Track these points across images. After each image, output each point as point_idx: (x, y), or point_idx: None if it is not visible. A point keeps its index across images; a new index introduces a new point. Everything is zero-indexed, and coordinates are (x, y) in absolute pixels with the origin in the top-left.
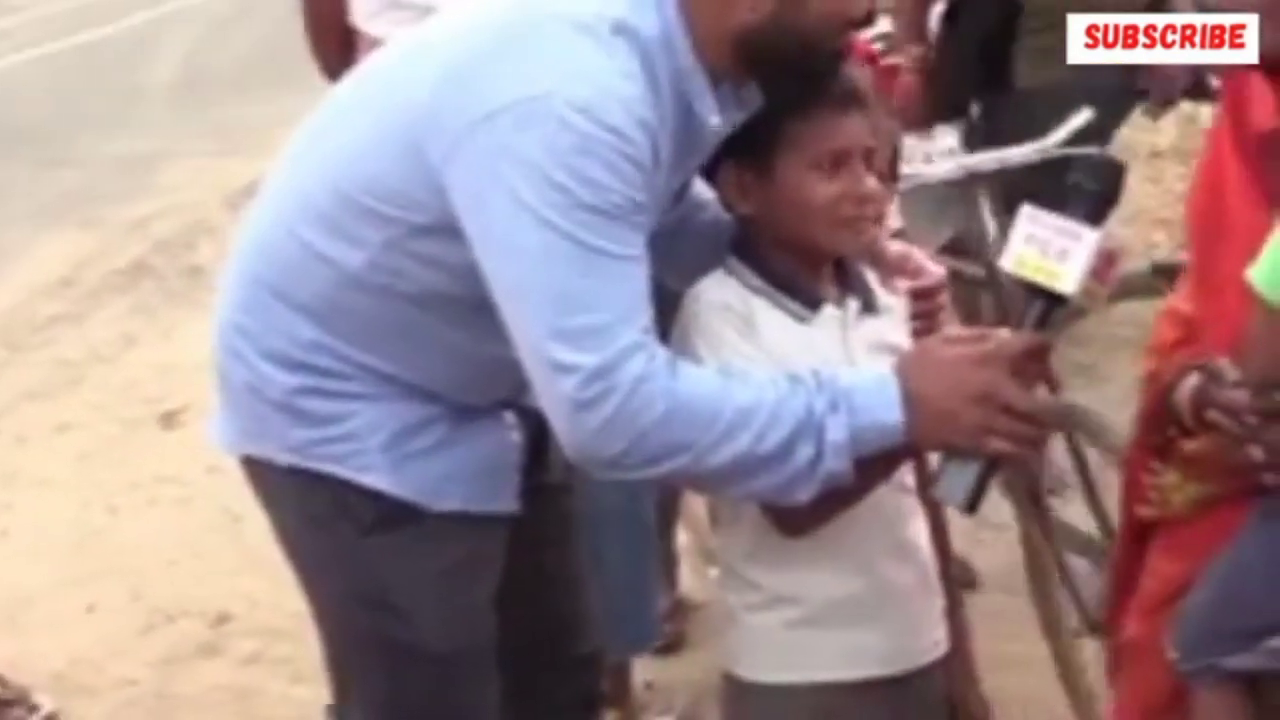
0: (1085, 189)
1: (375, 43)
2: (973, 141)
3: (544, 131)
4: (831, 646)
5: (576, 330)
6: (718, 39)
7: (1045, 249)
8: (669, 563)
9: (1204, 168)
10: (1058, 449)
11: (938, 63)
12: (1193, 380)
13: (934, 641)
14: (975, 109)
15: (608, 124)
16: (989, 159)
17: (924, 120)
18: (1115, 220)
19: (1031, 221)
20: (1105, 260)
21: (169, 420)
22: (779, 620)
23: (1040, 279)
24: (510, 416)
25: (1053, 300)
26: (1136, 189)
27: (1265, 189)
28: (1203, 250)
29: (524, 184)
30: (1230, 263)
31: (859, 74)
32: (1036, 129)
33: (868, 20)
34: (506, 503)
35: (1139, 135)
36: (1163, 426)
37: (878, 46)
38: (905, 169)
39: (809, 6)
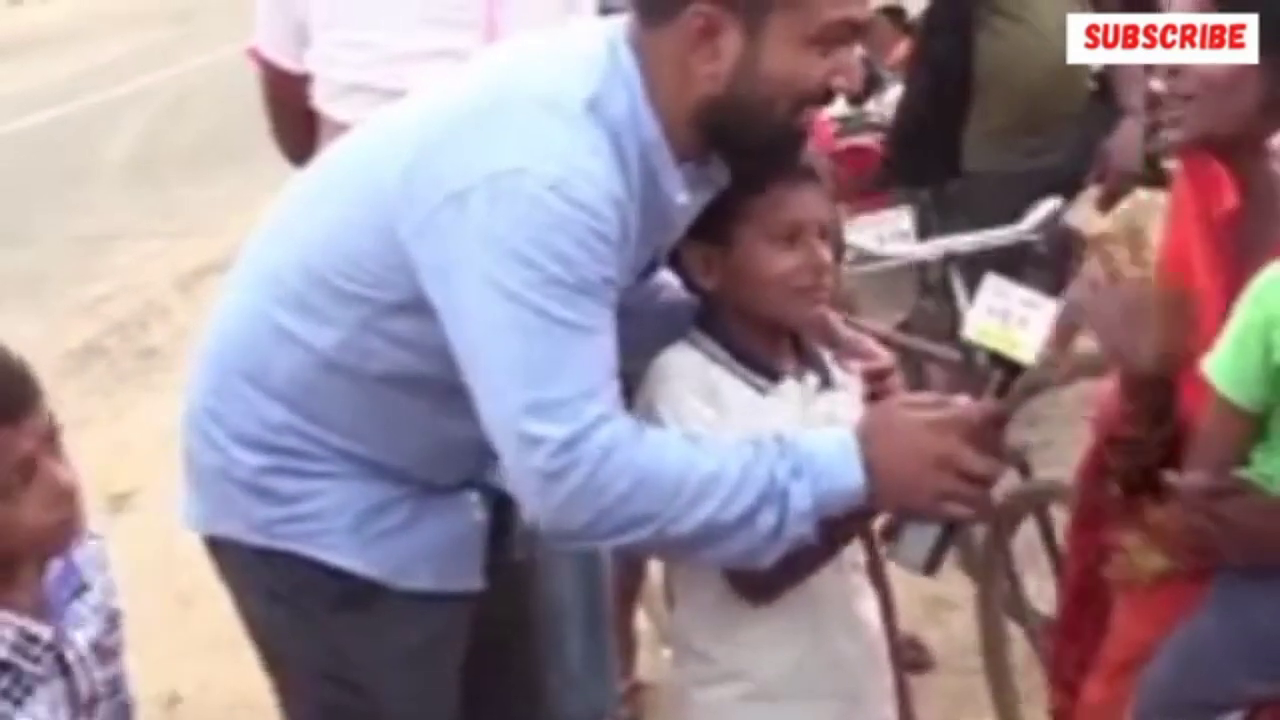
0: (1047, 259)
1: (338, 126)
2: (925, 224)
3: (514, 209)
4: None
5: (546, 403)
6: (681, 113)
7: (1006, 318)
8: (627, 646)
9: (1170, 249)
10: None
11: (891, 145)
12: None
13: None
14: (925, 192)
15: (579, 201)
16: (967, 241)
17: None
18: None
19: (994, 293)
20: (1065, 330)
21: (118, 503)
22: (729, 695)
23: (1001, 347)
24: (474, 495)
25: (1012, 369)
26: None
27: (1229, 265)
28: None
29: (494, 260)
30: (1197, 340)
31: (814, 153)
32: (985, 213)
33: (826, 98)
34: (472, 581)
35: (1093, 218)
36: (1104, 483)
37: (835, 128)
38: (881, 249)
39: (761, 74)
